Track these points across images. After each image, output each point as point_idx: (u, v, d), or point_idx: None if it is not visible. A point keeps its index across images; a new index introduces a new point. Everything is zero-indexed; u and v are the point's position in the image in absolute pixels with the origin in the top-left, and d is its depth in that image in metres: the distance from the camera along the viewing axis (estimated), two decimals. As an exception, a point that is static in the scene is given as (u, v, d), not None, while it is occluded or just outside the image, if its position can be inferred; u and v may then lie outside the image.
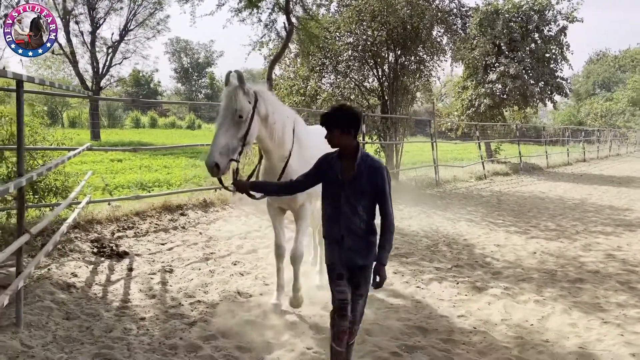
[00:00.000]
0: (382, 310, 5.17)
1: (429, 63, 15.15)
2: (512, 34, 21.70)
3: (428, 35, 14.35)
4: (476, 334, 4.67)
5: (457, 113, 24.59)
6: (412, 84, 15.25)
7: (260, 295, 5.46)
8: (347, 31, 14.14)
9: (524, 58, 22.07)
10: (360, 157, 3.41)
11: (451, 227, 9.46)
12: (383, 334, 4.56)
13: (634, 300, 5.68)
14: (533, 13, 21.92)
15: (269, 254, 7.04)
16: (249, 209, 9.72)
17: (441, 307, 5.34)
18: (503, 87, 21.78)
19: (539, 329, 4.82)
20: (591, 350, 4.34)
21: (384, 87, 14.77)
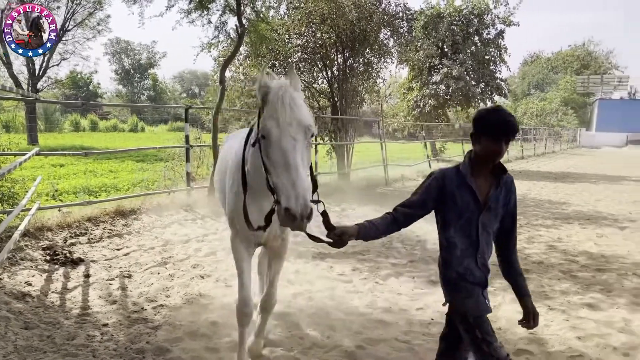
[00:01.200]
0: (344, 305, 5.32)
1: (376, 65, 15.52)
2: (454, 36, 22.52)
3: (375, 38, 14.69)
4: (435, 325, 4.89)
5: (403, 114, 25.23)
6: (360, 86, 15.56)
7: (223, 297, 5.50)
8: (296, 33, 14.27)
9: (465, 60, 22.94)
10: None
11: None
12: (347, 329, 4.71)
13: (576, 288, 6.09)
14: (473, 17, 22.81)
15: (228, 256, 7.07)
16: (204, 212, 9.66)
17: (400, 301, 5.55)
18: (446, 88, 22.55)
19: (492, 318, 5.03)
20: (540, 335, 4.64)
21: (333, 88, 15.00)
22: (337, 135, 15.06)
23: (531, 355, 4.29)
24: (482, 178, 2.80)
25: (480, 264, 2.82)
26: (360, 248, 7.73)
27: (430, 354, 4.25)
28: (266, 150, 2.78)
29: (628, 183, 18.18)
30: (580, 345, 4.46)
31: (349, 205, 11.73)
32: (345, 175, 15.14)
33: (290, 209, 2.57)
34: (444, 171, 2.90)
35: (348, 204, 11.79)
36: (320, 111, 15.07)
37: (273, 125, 2.73)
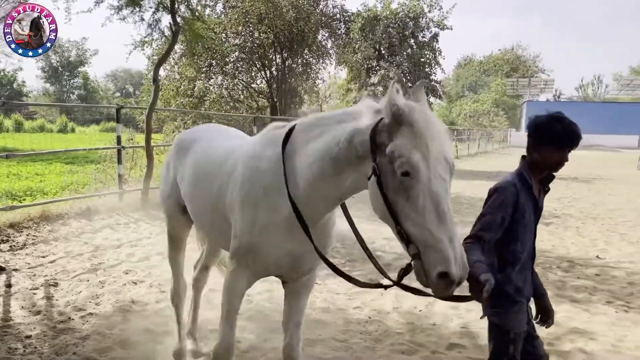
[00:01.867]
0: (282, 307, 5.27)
1: (315, 66, 15.59)
2: (390, 39, 22.95)
3: (314, 39, 14.78)
4: (371, 323, 4.95)
5: (343, 114, 25.49)
6: (299, 86, 15.58)
7: (157, 303, 5.32)
8: (233, 32, 14.10)
9: (402, 62, 23.44)
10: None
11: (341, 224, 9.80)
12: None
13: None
14: (408, 20, 23.34)
15: (163, 260, 6.86)
16: (138, 215, 9.34)
17: (338, 300, 5.57)
18: (384, 89, 22.95)
19: (427, 314, 5.22)
20: (472, 329, 4.79)
21: (272, 88, 14.94)
22: (277, 136, 14.98)
23: (463, 348, 4.41)
24: (535, 184, 2.77)
25: (531, 276, 2.77)
26: (299, 249, 7.70)
27: (367, 352, 4.29)
28: (408, 192, 2.11)
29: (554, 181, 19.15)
30: (510, 337, 4.63)
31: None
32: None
33: (450, 274, 1.99)
34: (513, 182, 2.73)
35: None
36: (259, 111, 14.95)
37: (420, 160, 2.09)
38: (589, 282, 6.36)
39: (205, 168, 3.28)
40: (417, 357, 4.22)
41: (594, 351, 4.38)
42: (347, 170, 2.41)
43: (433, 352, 4.35)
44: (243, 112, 14.68)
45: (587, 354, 4.33)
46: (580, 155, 38.45)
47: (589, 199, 14.15)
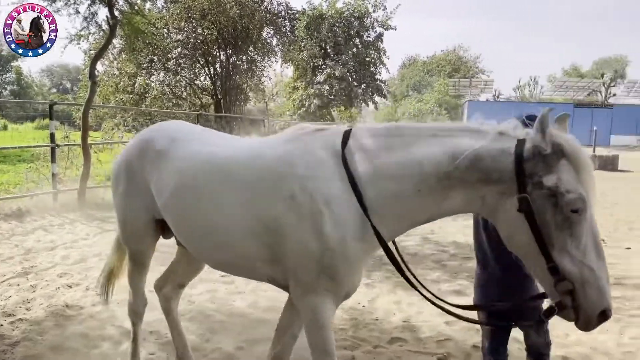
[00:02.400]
0: (225, 307, 5.21)
1: (260, 63, 15.47)
2: (336, 38, 23.11)
3: (258, 36, 14.64)
4: (315, 320, 4.95)
5: (289, 112, 25.43)
6: (244, 84, 15.42)
7: (93, 306, 5.12)
8: (175, 28, 13.76)
9: (347, 61, 23.66)
10: None
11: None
12: (227, 331, 4.61)
13: (446, 276, 6.51)
14: (354, 19, 23.58)
15: (100, 262, 6.61)
16: (74, 216, 8.97)
17: (282, 298, 5.53)
18: (330, 88, 23.11)
19: (370, 309, 5.28)
20: (413, 323, 4.89)
21: (216, 85, 14.69)
22: (221, 134, 14.77)
23: (405, 342, 4.49)
24: None
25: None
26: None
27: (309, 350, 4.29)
28: (572, 228, 2.02)
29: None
30: (449, 329, 4.76)
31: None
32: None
33: (609, 312, 2.03)
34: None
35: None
36: (203, 109, 14.68)
37: (587, 199, 2.03)
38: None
39: (215, 178, 2.72)
40: (360, 352, 4.26)
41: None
42: (458, 189, 2.23)
43: (375, 346, 4.40)
44: (186, 110, 14.36)
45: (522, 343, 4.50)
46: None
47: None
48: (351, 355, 4.20)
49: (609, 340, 4.58)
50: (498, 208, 2.16)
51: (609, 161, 24.10)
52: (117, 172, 3.28)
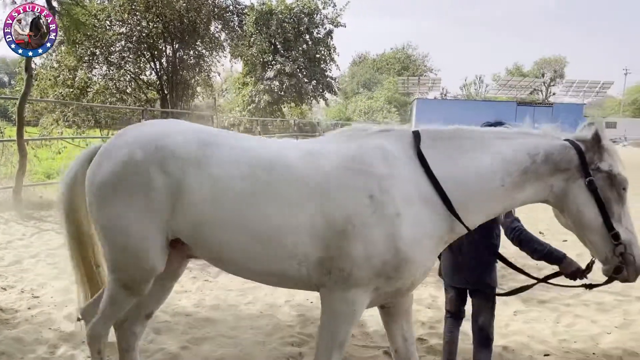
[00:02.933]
0: (170, 307, 5.08)
1: (208, 58, 15.18)
2: (285, 34, 23.00)
3: (206, 30, 14.36)
4: (263, 317, 4.91)
5: (239, 109, 25.14)
6: (192, 79, 15.10)
7: (29, 310, 4.88)
8: (119, 20, 13.30)
9: (297, 57, 23.61)
10: None
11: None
12: (172, 331, 4.50)
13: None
14: (303, 16, 23.54)
15: (37, 263, 6.33)
16: (8, 215, 8.54)
17: (229, 297, 5.47)
18: (280, 84, 23.01)
19: (318, 305, 5.25)
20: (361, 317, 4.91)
21: (163, 80, 14.32)
22: (168, 130, 14.37)
23: (352, 337, 4.50)
24: None
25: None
26: (191, 246, 7.47)
27: (257, 347, 4.25)
28: (623, 203, 2.65)
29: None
30: (395, 323, 4.82)
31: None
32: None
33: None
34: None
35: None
36: (149, 104, 14.28)
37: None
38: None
39: (273, 179, 2.57)
40: (306, 348, 4.24)
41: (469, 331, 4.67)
42: (532, 181, 2.67)
43: (322, 342, 4.40)
44: (130, 105, 13.93)
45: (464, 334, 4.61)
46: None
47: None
48: (298, 351, 4.19)
49: (546, 329, 4.77)
50: (567, 192, 2.64)
51: (549, 157, 25.11)
52: (112, 185, 2.67)
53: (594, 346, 4.43)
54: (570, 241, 8.40)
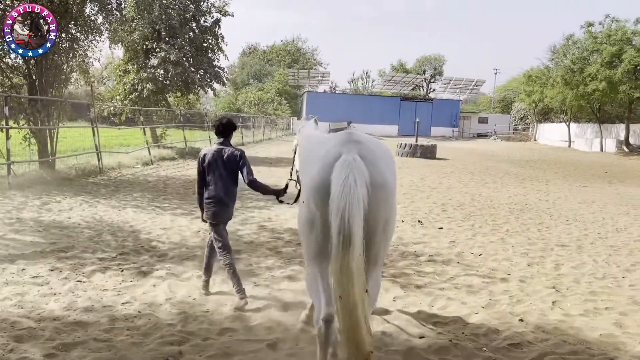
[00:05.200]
0: (35, 312, 4.65)
1: (83, 42, 14.08)
2: (170, 20, 22.04)
3: (80, 12, 13.29)
4: (141, 317, 4.67)
5: (120, 97, 23.71)
6: (65, 64, 13.92)
7: None
8: (-24, -4, 11.87)
9: (184, 46, 22.76)
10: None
11: (116, 215, 9.14)
12: (36, 338, 4.12)
13: (280, 262, 6.61)
14: (189, 2, 22.73)
15: None
16: None
17: (104, 297, 5.14)
18: (165, 73, 21.99)
19: (201, 302, 5.14)
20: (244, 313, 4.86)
21: (30, 64, 13.04)
22: (37, 119, 13.17)
23: (234, 332, 4.44)
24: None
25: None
26: (64, 245, 6.93)
27: (133, 349, 4.04)
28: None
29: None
30: (278, 315, 4.83)
31: (53, 197, 10.44)
32: (48, 164, 13.42)
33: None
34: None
35: (51, 197, 10.48)
36: (13, 90, 12.93)
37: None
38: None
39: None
40: (187, 347, 4.11)
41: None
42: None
43: (205, 339, 4.29)
44: (-8, 91, 12.54)
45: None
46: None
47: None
48: (178, 350, 4.04)
49: (422, 313, 5.05)
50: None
51: (429, 150, 26.74)
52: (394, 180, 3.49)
53: (463, 326, 4.76)
54: (446, 229, 9.01)
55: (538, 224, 9.90)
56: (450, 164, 23.84)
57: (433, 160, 25.17)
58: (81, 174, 13.91)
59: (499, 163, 25.59)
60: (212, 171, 5.22)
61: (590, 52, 35.56)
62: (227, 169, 5.20)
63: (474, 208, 11.45)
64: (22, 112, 13.01)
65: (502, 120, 65.49)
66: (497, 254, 7.44)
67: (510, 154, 33.88)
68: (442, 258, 7.12)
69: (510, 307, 5.28)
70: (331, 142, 3.33)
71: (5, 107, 11.26)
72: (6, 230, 7.59)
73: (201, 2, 23.06)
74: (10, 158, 11.39)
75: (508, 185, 16.29)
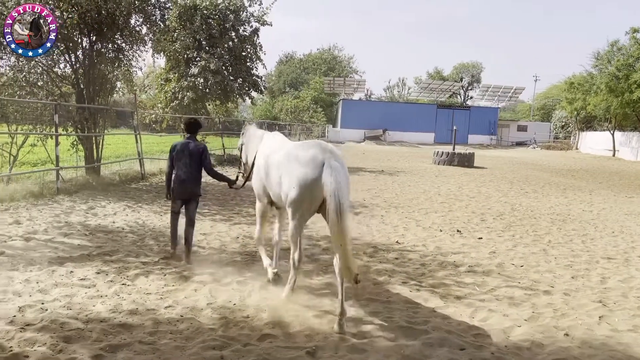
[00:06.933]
0: (83, 313, 4.81)
1: (128, 52, 14.54)
2: (210, 30, 22.48)
3: (126, 23, 13.74)
4: (183, 321, 4.77)
5: (161, 105, 24.30)
6: (110, 73, 14.39)
7: None
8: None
9: (223, 55, 23.15)
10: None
11: (158, 221, 9.37)
12: (84, 339, 4.26)
13: (318, 270, 6.63)
14: (229, 12, 23.12)
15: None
16: None
17: (148, 300, 5.27)
18: (205, 81, 22.41)
19: (241, 307, 5.21)
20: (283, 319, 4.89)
21: (78, 74, 13.54)
22: (85, 126, 13.65)
23: (274, 338, 4.48)
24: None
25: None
26: (109, 248, 7.15)
27: (176, 352, 4.12)
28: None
29: (364, 173, 20.76)
30: (317, 322, 4.85)
31: (98, 202, 10.77)
32: (94, 169, 13.88)
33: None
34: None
35: (97, 201, 10.82)
36: (62, 99, 13.45)
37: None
38: (389, 266, 6.98)
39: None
40: (228, 352, 4.17)
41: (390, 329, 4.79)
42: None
43: (245, 344, 4.34)
44: (42, 99, 13.07)
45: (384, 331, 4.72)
46: (386, 151, 42.29)
47: (393, 189, 15.61)
48: (220, 355, 4.10)
49: (462, 324, 4.98)
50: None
51: (466, 158, 26.36)
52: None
53: (505, 339, 4.68)
54: (485, 239, 8.86)
55: (582, 235, 9.62)
56: (489, 172, 23.42)
57: (471, 169, 24.79)
58: (124, 179, 14.31)
59: (540, 172, 25.00)
60: (178, 159, 6.65)
61: (636, 59, 34.45)
62: (191, 158, 6.63)
63: (514, 218, 11.22)
64: (70, 119, 13.52)
65: (542, 128, 64.00)
66: (539, 266, 7.28)
67: (551, 162, 33.06)
68: (482, 269, 7.00)
69: (555, 321, 5.15)
70: (311, 150, 4.95)
71: (55, 115, 11.72)
72: (55, 233, 7.88)
73: (241, 12, 23.42)
74: (59, 164, 11.83)
75: (549, 195, 15.90)
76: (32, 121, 12.88)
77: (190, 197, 6.79)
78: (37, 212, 9.34)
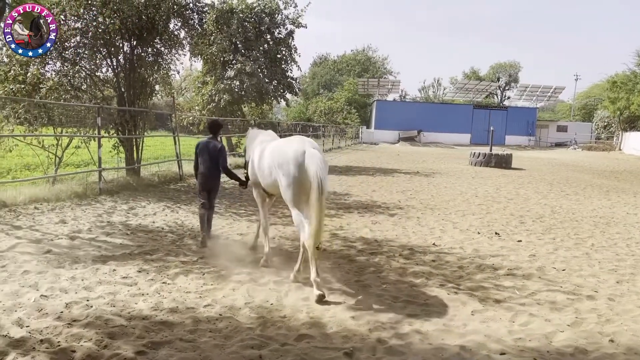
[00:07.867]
0: (126, 310, 4.95)
1: (167, 56, 14.88)
2: (246, 33, 22.78)
3: (165, 28, 14.07)
4: (222, 320, 4.84)
5: (199, 108, 24.75)
6: (150, 77, 14.76)
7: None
8: (74, 15, 12.86)
9: (258, 57, 23.42)
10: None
11: (196, 221, 9.52)
12: (127, 335, 4.38)
13: (354, 271, 6.63)
14: (264, 15, 23.38)
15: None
16: None
17: (187, 299, 5.38)
18: (241, 84, 22.74)
19: (278, 307, 5.26)
20: (320, 320, 4.92)
21: (120, 78, 13.94)
22: (125, 128, 14.04)
23: (311, 338, 4.50)
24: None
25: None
26: (149, 248, 7.33)
27: (215, 351, 4.19)
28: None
29: (399, 175, 20.63)
30: (355, 324, 4.85)
31: (138, 202, 11.05)
32: (134, 171, 14.25)
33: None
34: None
35: (137, 202, 11.10)
36: (105, 102, 13.87)
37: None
38: (426, 268, 6.92)
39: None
40: (266, 351, 4.21)
41: (428, 331, 4.75)
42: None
43: (283, 344, 4.38)
44: (86, 102, 13.51)
45: (422, 334, 4.68)
46: (421, 152, 41.91)
47: (429, 191, 15.45)
48: (258, 354, 4.15)
49: (502, 328, 4.89)
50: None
51: (504, 159, 25.87)
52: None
53: (547, 344, 4.57)
54: (525, 242, 8.69)
55: (627, 239, 9.32)
56: (527, 174, 22.93)
57: (508, 170, 24.32)
58: (163, 180, 14.64)
59: (581, 173, 24.33)
60: (201, 155, 7.54)
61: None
62: (210, 155, 7.46)
63: (554, 220, 10.95)
64: (112, 122, 13.93)
65: (582, 128, 62.24)
66: (582, 270, 7.08)
67: (592, 164, 32.12)
68: (522, 272, 6.86)
69: (599, 327, 5.01)
70: (294, 142, 5.96)
71: (98, 118, 12.09)
72: (98, 232, 8.13)
73: (276, 14, 23.64)
74: (101, 165, 12.19)
75: (591, 197, 15.45)
76: (76, 124, 13.33)
77: (211, 188, 7.72)
78: (81, 212, 9.66)
